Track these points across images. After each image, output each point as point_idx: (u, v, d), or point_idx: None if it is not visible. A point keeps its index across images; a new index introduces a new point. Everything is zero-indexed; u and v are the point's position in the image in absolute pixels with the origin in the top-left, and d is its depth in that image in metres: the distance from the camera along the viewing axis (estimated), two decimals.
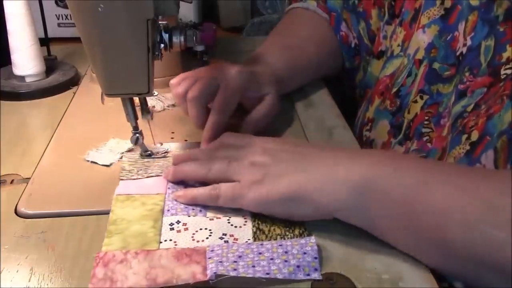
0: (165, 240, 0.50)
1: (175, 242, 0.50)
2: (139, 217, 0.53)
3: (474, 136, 0.55)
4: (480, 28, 0.60)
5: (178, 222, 0.53)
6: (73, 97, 0.82)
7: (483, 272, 0.43)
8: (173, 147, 0.67)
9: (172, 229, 0.52)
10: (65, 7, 1.10)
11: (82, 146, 0.66)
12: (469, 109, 0.58)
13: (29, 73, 0.83)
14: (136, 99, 0.62)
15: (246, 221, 0.53)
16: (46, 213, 0.55)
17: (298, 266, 0.46)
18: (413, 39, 0.70)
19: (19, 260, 0.48)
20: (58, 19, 1.12)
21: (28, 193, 0.58)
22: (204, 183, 0.56)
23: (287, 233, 0.52)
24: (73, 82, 0.86)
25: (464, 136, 0.56)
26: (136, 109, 0.61)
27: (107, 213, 0.54)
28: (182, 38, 0.60)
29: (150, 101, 0.76)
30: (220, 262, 0.46)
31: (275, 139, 0.58)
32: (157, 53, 0.58)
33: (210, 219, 0.54)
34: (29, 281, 0.46)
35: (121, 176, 0.60)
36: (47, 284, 0.46)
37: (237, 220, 0.54)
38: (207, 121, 0.64)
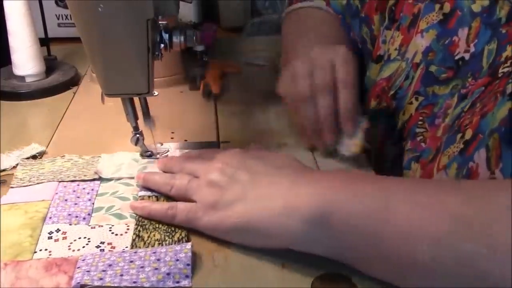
0: (40, 250, 0.49)
1: (50, 251, 0.49)
2: (18, 227, 0.52)
3: (468, 134, 0.54)
4: (483, 33, 0.59)
5: (58, 230, 0.52)
6: (73, 97, 0.82)
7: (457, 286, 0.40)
8: (173, 147, 0.67)
9: (50, 238, 0.51)
10: (65, 7, 1.09)
11: (82, 146, 0.66)
12: (466, 108, 0.58)
13: (29, 73, 0.83)
14: (137, 99, 0.61)
15: (128, 229, 0.52)
16: None
17: (168, 274, 0.45)
18: (411, 43, 0.70)
19: None
20: (58, 19, 1.12)
21: None
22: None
23: (167, 238, 0.51)
24: (73, 82, 0.86)
25: (459, 135, 0.56)
26: (136, 109, 0.61)
27: None
28: (182, 38, 0.60)
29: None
30: (88, 271, 0.45)
31: (240, 151, 0.55)
32: (157, 53, 0.58)
33: (92, 227, 0.52)
34: None
35: (12, 184, 0.58)
36: None
37: (119, 228, 0.52)
38: (342, 101, 0.63)
